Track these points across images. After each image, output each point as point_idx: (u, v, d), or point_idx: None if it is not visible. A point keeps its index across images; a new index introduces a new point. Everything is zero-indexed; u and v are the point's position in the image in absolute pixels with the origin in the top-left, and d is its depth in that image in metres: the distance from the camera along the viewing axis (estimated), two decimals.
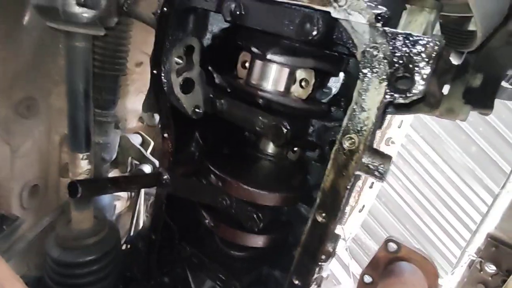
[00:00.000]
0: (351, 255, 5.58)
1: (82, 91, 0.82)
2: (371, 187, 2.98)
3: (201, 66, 0.82)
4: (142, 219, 1.63)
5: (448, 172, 5.23)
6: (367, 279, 0.88)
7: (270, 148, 0.84)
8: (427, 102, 0.83)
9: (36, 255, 1.27)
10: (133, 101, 1.45)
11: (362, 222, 5.25)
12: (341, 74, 0.79)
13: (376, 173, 0.57)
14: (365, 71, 0.54)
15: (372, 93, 0.54)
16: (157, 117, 1.41)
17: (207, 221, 0.81)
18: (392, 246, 0.84)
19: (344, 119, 0.58)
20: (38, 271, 1.24)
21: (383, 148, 3.60)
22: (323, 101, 0.72)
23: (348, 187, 0.60)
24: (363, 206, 3.00)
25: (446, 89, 0.85)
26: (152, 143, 1.43)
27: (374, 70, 0.53)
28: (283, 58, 0.60)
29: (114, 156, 1.30)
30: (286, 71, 0.61)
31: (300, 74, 0.61)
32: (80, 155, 0.86)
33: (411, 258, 0.79)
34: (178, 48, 0.81)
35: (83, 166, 0.85)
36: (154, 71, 0.84)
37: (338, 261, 5.28)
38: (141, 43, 1.36)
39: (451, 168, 5.21)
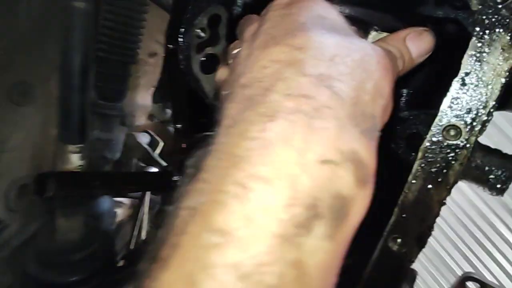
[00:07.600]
0: None
1: (78, 65, 0.66)
2: None
3: (228, 41, 0.66)
4: (145, 229, 1.45)
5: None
6: None
7: None
8: None
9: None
10: (144, 96, 1.30)
11: None
12: None
13: (493, 180, 0.38)
14: (486, 21, 0.35)
15: (496, 57, 0.36)
16: (169, 111, 1.26)
17: None
18: (472, 285, 0.63)
19: (443, 101, 0.39)
20: None
21: None
22: None
23: (444, 201, 0.40)
24: None
25: None
26: (162, 144, 1.26)
27: (501, 21, 0.35)
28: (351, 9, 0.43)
29: (117, 156, 1.14)
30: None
31: (374, 36, 0.44)
32: (70, 147, 0.69)
33: None
34: (200, 18, 0.66)
35: (73, 162, 0.69)
36: (170, 46, 0.68)
37: None
38: (156, 31, 1.22)
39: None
